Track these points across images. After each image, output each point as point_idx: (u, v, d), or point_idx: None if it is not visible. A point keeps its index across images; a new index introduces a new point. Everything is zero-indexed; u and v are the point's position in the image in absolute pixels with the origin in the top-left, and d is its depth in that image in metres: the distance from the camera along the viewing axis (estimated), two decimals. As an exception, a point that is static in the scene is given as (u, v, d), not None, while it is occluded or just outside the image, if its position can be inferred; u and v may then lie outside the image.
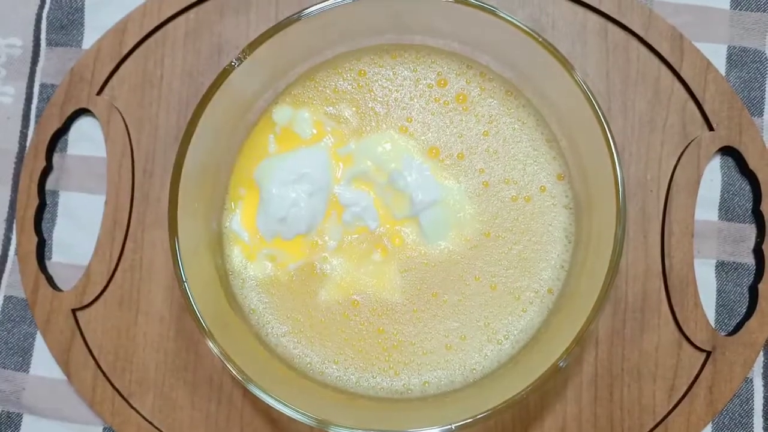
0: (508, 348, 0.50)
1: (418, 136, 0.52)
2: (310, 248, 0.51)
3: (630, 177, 0.54)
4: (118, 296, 0.55)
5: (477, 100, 0.52)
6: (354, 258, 0.51)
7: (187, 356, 0.54)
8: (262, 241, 0.52)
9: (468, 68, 0.52)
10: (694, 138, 0.54)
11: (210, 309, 0.46)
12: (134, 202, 0.55)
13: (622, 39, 0.55)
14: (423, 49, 0.53)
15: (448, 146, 0.52)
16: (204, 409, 0.53)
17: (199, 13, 0.57)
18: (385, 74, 0.53)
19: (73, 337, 0.55)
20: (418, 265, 0.51)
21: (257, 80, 0.51)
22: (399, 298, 0.51)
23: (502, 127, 0.52)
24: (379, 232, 0.51)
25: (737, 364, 0.52)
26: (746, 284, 0.54)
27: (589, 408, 0.52)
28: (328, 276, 0.51)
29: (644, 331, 0.53)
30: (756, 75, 0.56)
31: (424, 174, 0.51)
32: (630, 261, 0.53)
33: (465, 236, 0.51)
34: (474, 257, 0.51)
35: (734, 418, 0.53)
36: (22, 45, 0.59)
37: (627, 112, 0.55)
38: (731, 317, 0.54)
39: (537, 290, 0.50)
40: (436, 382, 0.50)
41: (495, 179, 0.51)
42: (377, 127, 0.52)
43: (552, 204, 0.51)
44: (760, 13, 0.56)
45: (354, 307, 0.51)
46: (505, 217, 0.51)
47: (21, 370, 0.56)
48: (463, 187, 0.51)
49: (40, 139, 0.57)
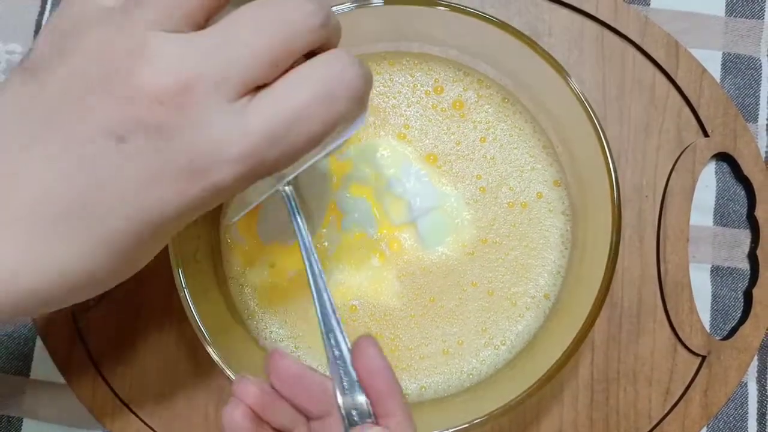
0: (505, 353, 0.50)
1: (416, 142, 0.52)
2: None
3: (626, 183, 0.54)
4: (118, 300, 0.55)
5: (474, 107, 0.53)
6: (352, 263, 0.51)
7: (187, 361, 0.54)
8: (262, 246, 0.52)
9: (465, 75, 0.53)
10: (689, 144, 0.55)
11: (209, 315, 0.46)
12: (134, 208, 0.56)
13: (618, 46, 0.56)
14: (420, 56, 0.53)
15: (445, 153, 0.52)
16: (204, 414, 0.54)
17: (199, 20, 0.57)
18: (382, 81, 0.53)
19: (73, 342, 0.55)
20: (416, 271, 0.51)
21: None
22: (397, 303, 0.51)
23: (499, 134, 0.52)
24: (376, 237, 0.52)
25: (732, 369, 0.53)
26: (741, 289, 0.55)
27: (585, 412, 0.53)
28: (327, 281, 0.51)
29: (640, 336, 0.53)
30: (750, 81, 0.56)
31: (422, 180, 0.52)
32: (625, 266, 0.54)
33: (462, 242, 0.51)
34: (471, 263, 0.51)
35: (729, 422, 0.53)
36: (23, 51, 0.59)
37: (623, 119, 0.55)
38: (726, 322, 0.54)
39: (534, 296, 0.51)
40: (433, 387, 0.50)
41: (492, 185, 0.52)
42: (375, 133, 0.53)
43: (548, 210, 0.52)
44: (754, 20, 0.57)
45: (352, 312, 0.51)
46: (502, 223, 0.52)
47: (21, 375, 0.56)
48: (460, 194, 0.52)
49: (41, 145, 0.57)
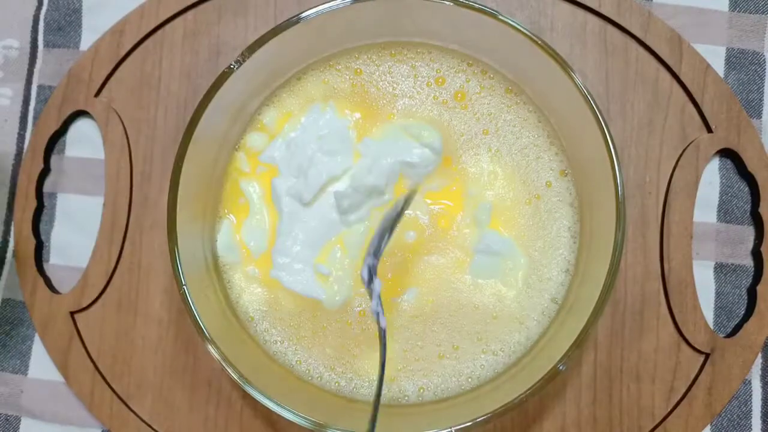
0: (502, 358, 0.50)
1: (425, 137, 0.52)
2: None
3: (629, 179, 0.54)
4: (117, 299, 0.55)
5: (476, 98, 0.52)
6: (356, 272, 0.51)
7: (186, 359, 0.54)
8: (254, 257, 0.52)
9: (468, 66, 0.52)
10: (692, 140, 0.54)
11: (209, 312, 0.46)
12: (132, 205, 0.55)
13: (621, 41, 0.55)
14: (422, 46, 0.52)
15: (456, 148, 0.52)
16: (203, 412, 0.53)
17: (197, 15, 0.57)
18: (382, 72, 0.52)
19: (71, 340, 0.54)
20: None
21: (255, 82, 0.51)
22: (399, 309, 0.51)
23: (503, 125, 0.51)
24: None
25: (736, 366, 0.52)
26: (745, 286, 0.54)
27: (588, 410, 0.52)
28: (331, 283, 0.51)
29: (643, 333, 0.53)
30: (754, 77, 0.56)
31: (505, 240, 0.51)
32: (629, 263, 0.53)
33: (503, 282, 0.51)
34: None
35: (733, 420, 0.53)
36: (20, 47, 0.59)
37: (626, 114, 0.55)
38: (730, 319, 0.54)
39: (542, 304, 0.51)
40: (432, 388, 0.50)
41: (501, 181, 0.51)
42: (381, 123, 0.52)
43: (558, 201, 0.51)
44: (758, 15, 0.56)
45: (359, 315, 0.50)
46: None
47: (19, 373, 0.56)
48: (523, 247, 0.51)
49: (38, 141, 0.56)
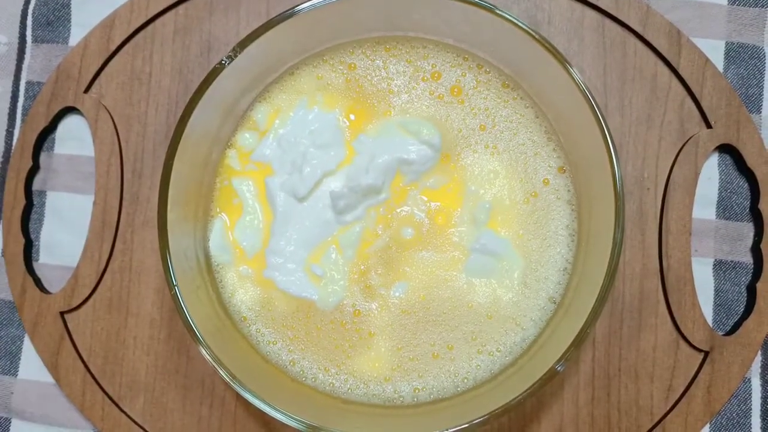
0: (499, 358, 0.49)
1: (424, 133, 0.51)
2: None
3: (627, 174, 0.53)
4: (108, 298, 0.54)
5: (472, 93, 0.51)
6: (353, 272, 0.50)
7: (179, 359, 0.53)
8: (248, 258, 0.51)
9: (464, 60, 0.51)
10: (691, 135, 0.53)
11: (201, 313, 0.45)
12: (123, 203, 0.54)
13: (619, 35, 0.54)
14: (417, 40, 0.52)
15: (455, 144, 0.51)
16: (196, 413, 0.53)
17: (188, 10, 0.56)
18: (376, 67, 0.52)
19: (61, 340, 0.54)
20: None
21: (248, 78, 0.50)
22: (393, 307, 0.50)
23: (499, 120, 0.51)
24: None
25: (735, 364, 0.52)
26: (744, 283, 0.54)
27: (586, 409, 0.52)
28: (325, 284, 0.50)
29: (641, 331, 0.52)
30: (754, 71, 0.55)
31: (501, 241, 0.50)
32: (627, 260, 0.53)
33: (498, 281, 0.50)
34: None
35: (732, 419, 0.53)
36: (8, 42, 0.58)
37: (624, 109, 0.54)
38: (729, 317, 0.53)
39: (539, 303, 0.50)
40: (428, 389, 0.49)
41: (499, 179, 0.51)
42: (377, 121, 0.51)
43: (556, 198, 0.50)
44: (758, 8, 0.55)
45: (354, 316, 0.50)
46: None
47: (9, 374, 0.55)
48: (520, 250, 0.50)
49: (27, 138, 0.56)
